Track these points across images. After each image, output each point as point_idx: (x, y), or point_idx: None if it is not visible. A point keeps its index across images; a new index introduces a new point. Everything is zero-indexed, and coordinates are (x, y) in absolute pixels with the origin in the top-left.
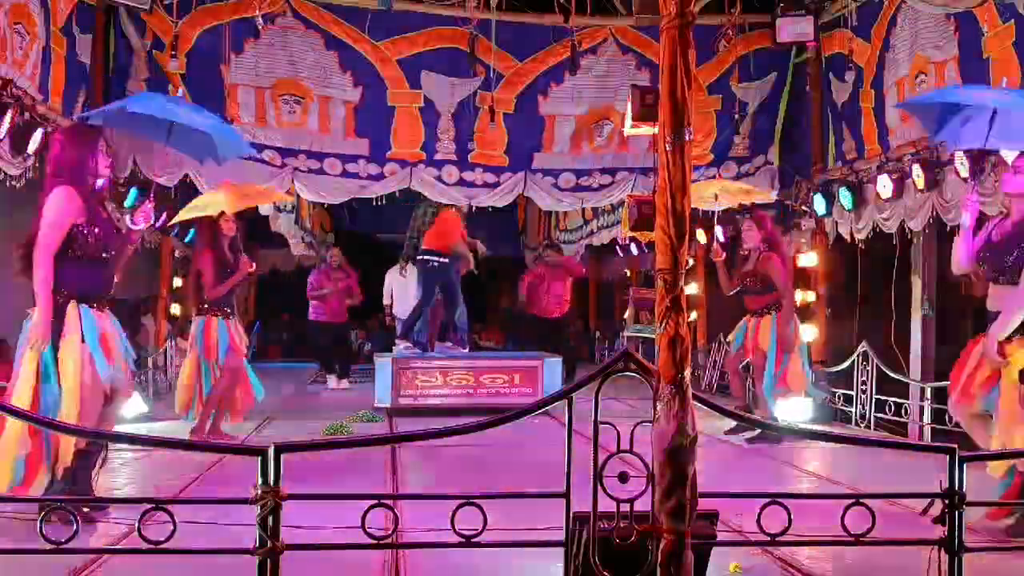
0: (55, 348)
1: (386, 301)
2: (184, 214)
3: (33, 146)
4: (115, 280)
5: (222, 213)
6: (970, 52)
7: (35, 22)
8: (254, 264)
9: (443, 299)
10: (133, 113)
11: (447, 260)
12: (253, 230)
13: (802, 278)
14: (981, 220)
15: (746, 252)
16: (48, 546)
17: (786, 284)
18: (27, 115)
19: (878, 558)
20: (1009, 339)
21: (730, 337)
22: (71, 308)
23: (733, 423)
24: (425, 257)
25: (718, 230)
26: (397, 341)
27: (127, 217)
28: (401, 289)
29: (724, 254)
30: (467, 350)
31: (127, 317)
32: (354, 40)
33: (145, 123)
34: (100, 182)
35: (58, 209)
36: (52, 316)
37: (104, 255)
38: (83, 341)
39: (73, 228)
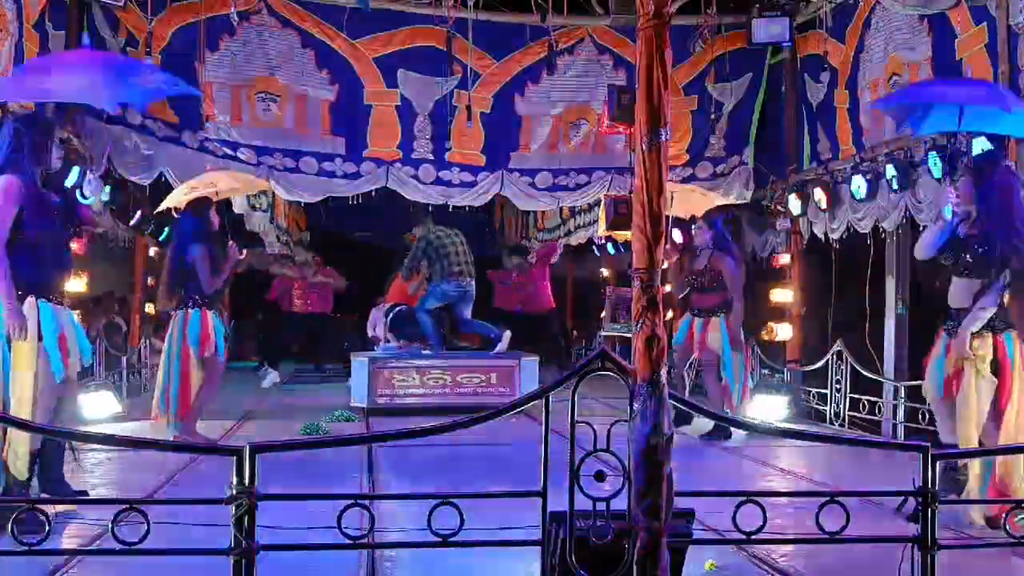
0: (8, 345)
1: (371, 334)
2: (183, 194)
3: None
4: (71, 269)
5: (209, 204)
6: (943, 54)
7: (7, 18)
8: (244, 251)
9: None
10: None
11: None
12: (228, 228)
13: (777, 278)
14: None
15: (696, 251)
16: (20, 548)
17: (737, 285)
18: None
19: (853, 556)
20: (977, 334)
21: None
22: (29, 303)
23: (704, 428)
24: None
25: (675, 232)
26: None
27: (77, 192)
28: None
29: (675, 256)
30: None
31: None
32: (330, 38)
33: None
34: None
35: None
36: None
37: (58, 241)
38: (39, 339)
39: (20, 216)
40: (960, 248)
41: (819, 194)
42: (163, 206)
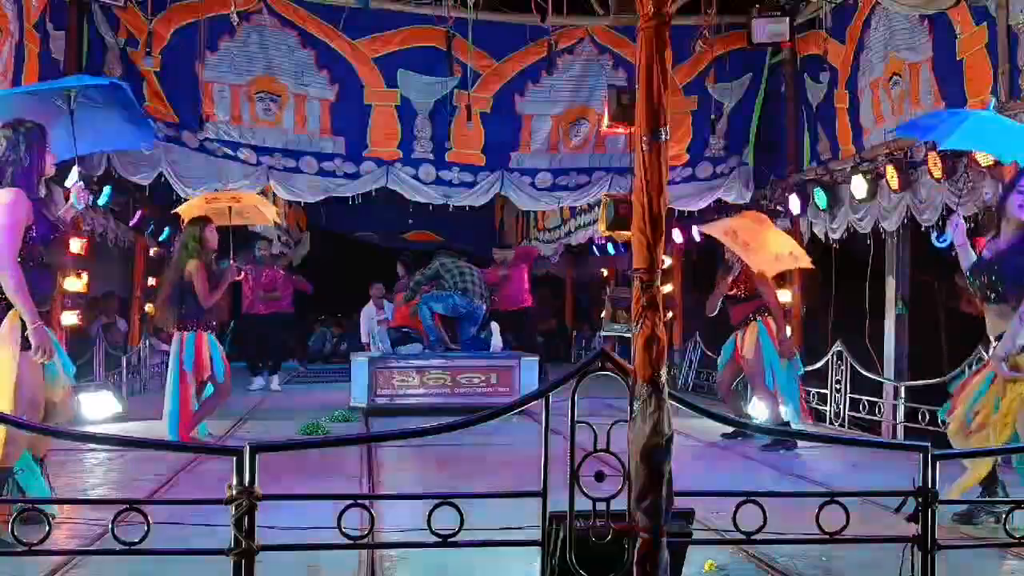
0: None
1: (364, 340)
2: (204, 203)
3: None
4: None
5: (208, 222)
6: (944, 54)
7: (8, 18)
8: (242, 272)
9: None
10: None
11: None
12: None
13: (777, 278)
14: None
15: (728, 262)
16: (20, 548)
17: (773, 290)
18: None
19: (853, 556)
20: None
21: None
22: (10, 318)
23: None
24: (405, 331)
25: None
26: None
27: (73, 197)
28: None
29: (726, 279)
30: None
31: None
32: (330, 38)
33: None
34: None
35: (13, 211)
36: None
37: (46, 259)
38: (25, 350)
39: (24, 232)
40: (989, 273)
41: (819, 194)
42: (179, 210)
